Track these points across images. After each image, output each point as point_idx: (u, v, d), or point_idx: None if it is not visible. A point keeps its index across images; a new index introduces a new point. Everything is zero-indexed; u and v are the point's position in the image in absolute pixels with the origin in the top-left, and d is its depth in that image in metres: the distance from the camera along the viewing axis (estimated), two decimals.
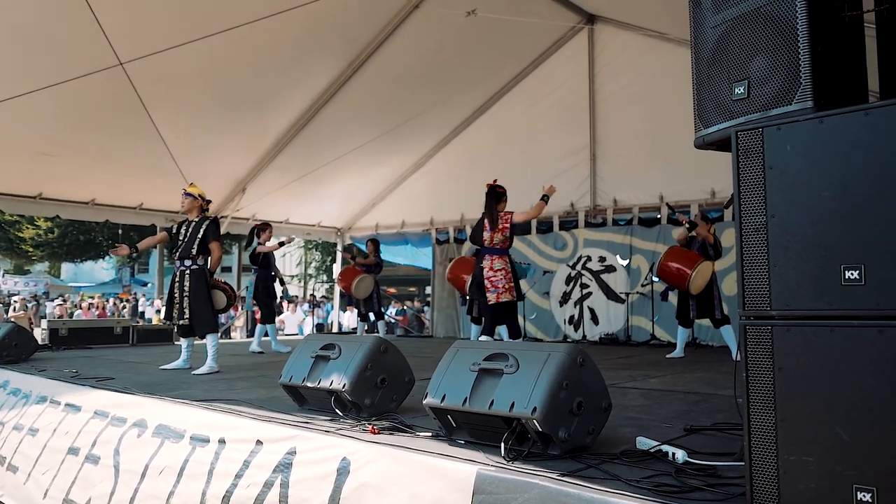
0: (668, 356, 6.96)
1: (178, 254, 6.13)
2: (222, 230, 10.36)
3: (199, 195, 6.25)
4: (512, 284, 6.23)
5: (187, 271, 6.04)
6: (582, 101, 9.72)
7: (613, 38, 9.29)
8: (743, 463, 2.25)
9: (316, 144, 9.80)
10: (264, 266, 8.11)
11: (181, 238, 6.14)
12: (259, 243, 8.07)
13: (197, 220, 6.17)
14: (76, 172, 8.96)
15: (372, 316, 9.92)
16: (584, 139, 9.80)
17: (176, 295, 6.04)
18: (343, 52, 8.55)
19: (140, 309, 21.35)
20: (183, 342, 6.18)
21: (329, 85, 8.98)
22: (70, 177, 9.02)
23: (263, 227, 8.21)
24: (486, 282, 6.21)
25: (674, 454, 2.46)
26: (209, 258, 6.09)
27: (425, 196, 11.61)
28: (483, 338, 6.21)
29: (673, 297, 7.20)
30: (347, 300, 10.67)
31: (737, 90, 2.02)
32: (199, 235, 6.04)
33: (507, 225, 6.31)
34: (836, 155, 1.73)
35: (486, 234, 6.32)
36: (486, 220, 6.35)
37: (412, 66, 8.99)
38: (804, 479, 1.73)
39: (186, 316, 5.96)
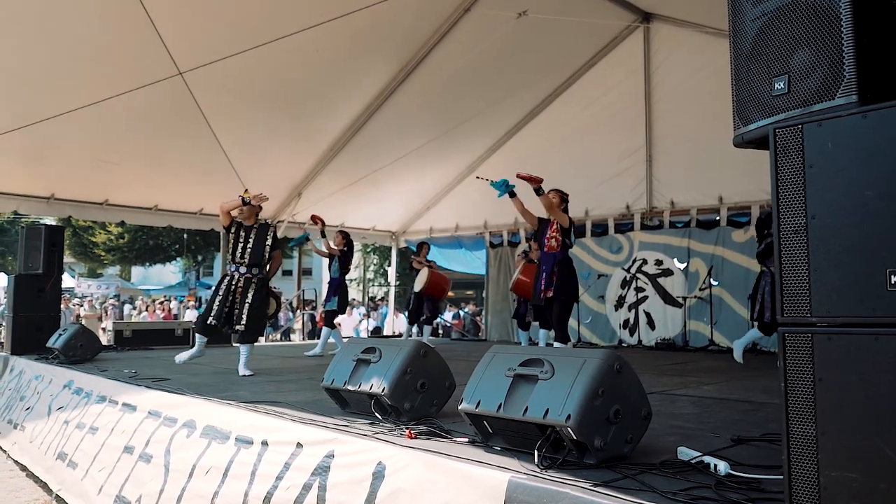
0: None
1: (247, 259, 6.06)
2: (280, 234, 10.60)
3: None
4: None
5: (253, 279, 6.04)
6: (637, 102, 9.53)
7: (669, 35, 9.08)
8: None
9: (370, 148, 9.89)
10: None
11: (241, 242, 6.08)
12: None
13: (257, 226, 6.16)
14: (140, 179, 9.29)
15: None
16: (640, 140, 9.60)
17: (237, 300, 6.01)
18: (395, 56, 8.61)
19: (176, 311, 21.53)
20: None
21: (382, 89, 9.05)
22: (134, 183, 9.35)
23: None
24: None
25: (716, 466, 2.36)
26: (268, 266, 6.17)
27: (479, 199, 11.54)
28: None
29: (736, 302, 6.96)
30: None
31: (777, 85, 1.92)
32: (268, 243, 6.09)
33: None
34: (881, 151, 1.62)
35: None
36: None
37: (464, 69, 8.98)
38: (847, 496, 1.62)
39: (244, 322, 5.96)
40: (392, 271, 14.48)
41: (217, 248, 22.73)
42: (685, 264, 9.24)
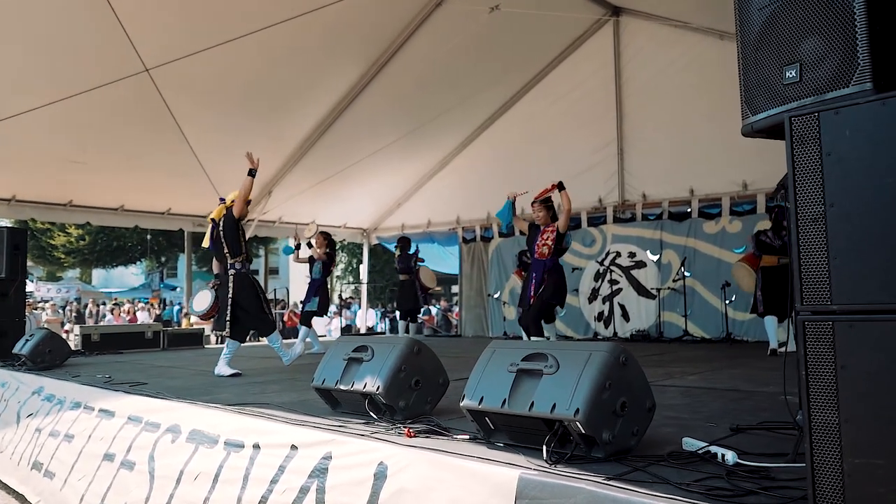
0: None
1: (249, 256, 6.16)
2: (251, 233, 10.47)
3: None
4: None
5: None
6: (608, 96, 9.59)
7: (640, 29, 9.16)
8: (798, 464, 2.15)
9: (341, 146, 9.79)
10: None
11: (244, 240, 6.13)
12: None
13: None
14: (105, 179, 9.06)
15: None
16: (612, 134, 9.67)
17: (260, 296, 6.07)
18: (365, 52, 8.52)
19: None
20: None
21: (352, 86, 8.96)
22: (99, 184, 9.11)
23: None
24: None
25: (723, 455, 2.36)
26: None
27: (451, 195, 11.56)
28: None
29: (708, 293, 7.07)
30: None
31: (788, 74, 1.92)
32: None
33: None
34: None
35: None
36: None
37: (435, 64, 8.94)
38: (872, 483, 1.63)
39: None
40: (364, 269, 14.37)
41: (181, 248, 22.26)
42: (658, 256, 9.34)
